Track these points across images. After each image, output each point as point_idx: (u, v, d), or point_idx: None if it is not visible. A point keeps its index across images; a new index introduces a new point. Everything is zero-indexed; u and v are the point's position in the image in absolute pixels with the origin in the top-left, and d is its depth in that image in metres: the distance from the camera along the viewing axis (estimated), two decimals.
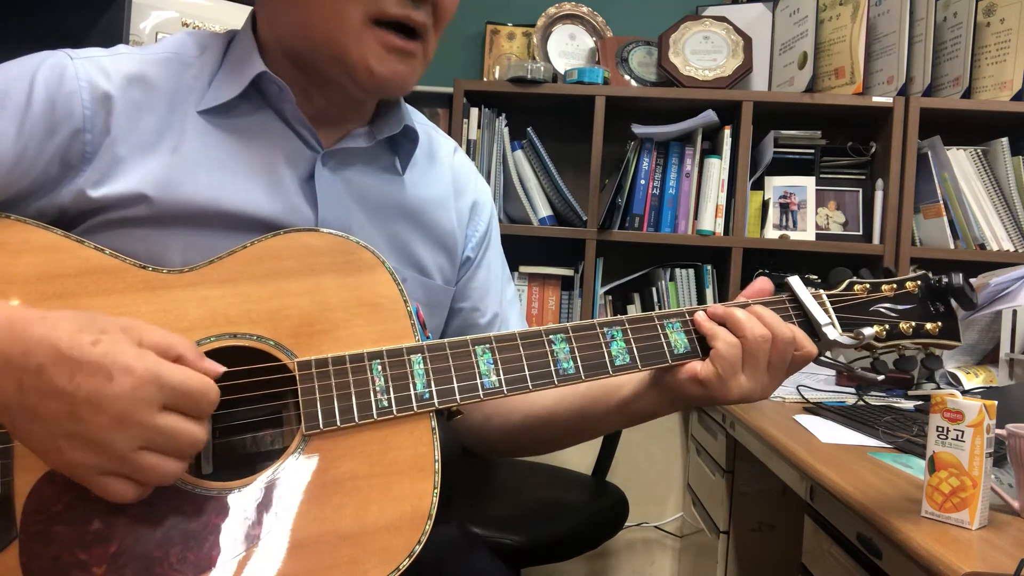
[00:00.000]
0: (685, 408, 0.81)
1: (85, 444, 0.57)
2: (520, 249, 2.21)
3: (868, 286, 0.81)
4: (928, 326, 0.80)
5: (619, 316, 0.77)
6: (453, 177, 0.93)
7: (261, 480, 0.65)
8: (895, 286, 0.81)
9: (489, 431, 0.93)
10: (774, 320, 0.75)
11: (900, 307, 0.81)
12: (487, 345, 0.73)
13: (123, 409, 0.56)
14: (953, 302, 0.81)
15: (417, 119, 0.90)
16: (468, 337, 0.73)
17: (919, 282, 0.82)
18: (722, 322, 0.75)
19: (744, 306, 0.77)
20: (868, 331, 0.78)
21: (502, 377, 0.72)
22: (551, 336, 0.74)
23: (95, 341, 0.57)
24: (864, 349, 0.80)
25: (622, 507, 1.93)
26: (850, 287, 0.81)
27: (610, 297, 2.36)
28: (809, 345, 0.76)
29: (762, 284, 0.80)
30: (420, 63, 0.78)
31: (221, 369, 0.63)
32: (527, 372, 0.73)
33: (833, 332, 0.77)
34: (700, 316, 0.76)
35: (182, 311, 0.68)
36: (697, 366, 0.74)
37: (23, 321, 0.58)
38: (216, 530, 0.63)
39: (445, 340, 0.72)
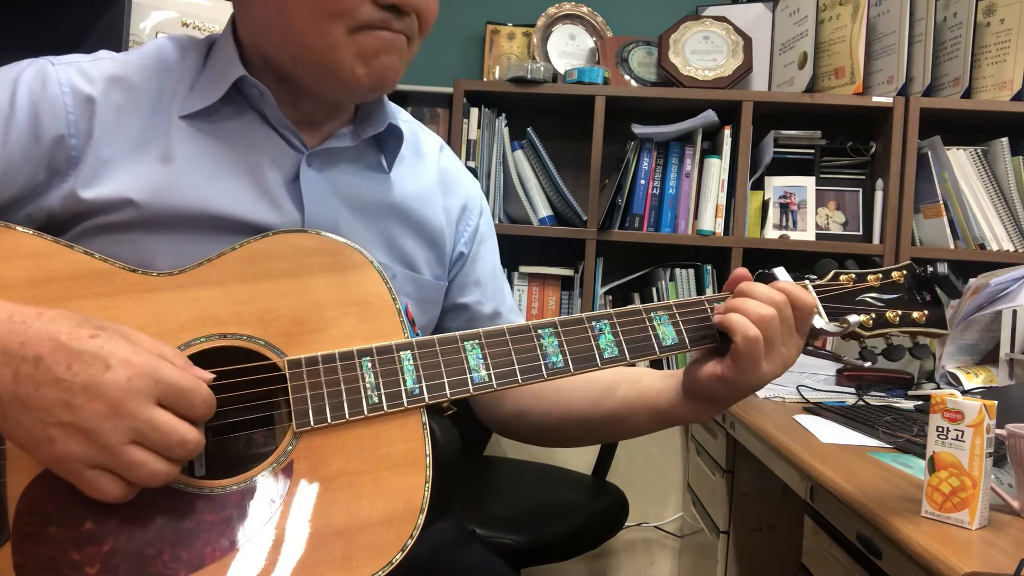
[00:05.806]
0: (719, 411, 0.83)
1: (78, 433, 0.57)
2: (520, 249, 2.21)
3: (854, 276, 0.82)
4: (915, 315, 0.81)
5: (607, 310, 0.78)
6: (440, 174, 0.93)
7: (253, 478, 0.65)
8: (881, 276, 0.82)
9: (522, 425, 0.94)
10: (767, 294, 0.74)
11: (886, 296, 0.81)
12: (476, 340, 0.73)
13: (118, 398, 0.57)
14: (939, 291, 0.82)
15: (401, 117, 0.90)
16: (457, 333, 0.73)
17: (905, 272, 0.83)
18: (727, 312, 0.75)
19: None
20: (854, 318, 0.79)
21: (491, 372, 0.72)
22: (539, 330, 0.75)
23: (93, 335, 0.59)
24: (851, 337, 0.80)
25: (622, 507, 1.92)
26: (835, 277, 0.81)
27: (610, 297, 2.36)
28: (802, 294, 0.75)
29: (741, 273, 0.79)
30: (403, 59, 0.78)
31: (210, 376, 0.63)
32: (516, 366, 0.73)
33: (820, 320, 0.78)
34: (719, 317, 0.76)
35: (172, 313, 0.68)
36: (719, 368, 0.75)
37: (22, 314, 0.59)
38: (209, 528, 0.63)
39: (434, 336, 0.72)
